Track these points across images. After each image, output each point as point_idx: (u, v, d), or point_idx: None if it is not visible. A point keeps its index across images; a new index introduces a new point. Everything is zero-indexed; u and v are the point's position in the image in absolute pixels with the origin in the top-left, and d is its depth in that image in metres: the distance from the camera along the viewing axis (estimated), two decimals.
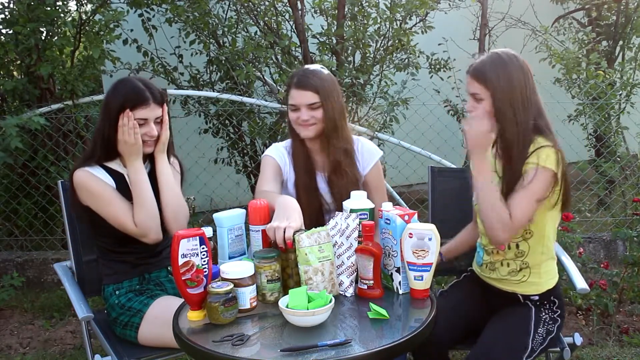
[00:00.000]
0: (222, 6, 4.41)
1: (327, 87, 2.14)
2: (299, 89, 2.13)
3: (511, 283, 2.05)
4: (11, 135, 3.47)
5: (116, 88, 2.11)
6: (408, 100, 4.03)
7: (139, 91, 2.06)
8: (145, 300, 2.10)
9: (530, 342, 1.92)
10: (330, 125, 2.15)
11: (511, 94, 1.92)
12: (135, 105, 2.04)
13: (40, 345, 3.31)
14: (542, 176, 1.89)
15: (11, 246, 4.29)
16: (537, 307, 2.02)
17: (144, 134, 2.08)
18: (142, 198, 2.07)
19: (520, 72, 1.95)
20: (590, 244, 4.15)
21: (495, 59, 1.97)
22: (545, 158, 1.89)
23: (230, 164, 4.52)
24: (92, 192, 2.07)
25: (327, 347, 1.46)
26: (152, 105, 2.07)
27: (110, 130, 2.07)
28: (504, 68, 1.95)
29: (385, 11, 4.19)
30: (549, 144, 1.92)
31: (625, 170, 4.56)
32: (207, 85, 4.47)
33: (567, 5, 5.75)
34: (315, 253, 1.72)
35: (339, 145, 2.18)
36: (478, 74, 1.97)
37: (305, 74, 2.16)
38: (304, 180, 2.22)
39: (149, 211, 2.07)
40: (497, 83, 1.93)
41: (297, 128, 2.18)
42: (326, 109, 2.13)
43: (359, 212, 1.88)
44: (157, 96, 2.10)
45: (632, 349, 3.03)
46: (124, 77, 2.23)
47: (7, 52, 3.96)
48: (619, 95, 4.54)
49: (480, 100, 1.96)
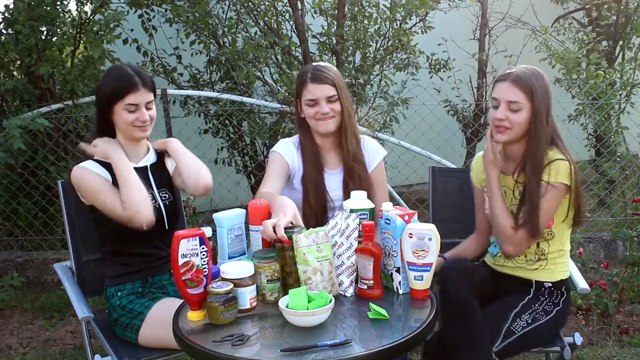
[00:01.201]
0: (222, 6, 4.41)
1: (340, 80, 2.22)
2: (316, 83, 2.17)
3: (526, 271, 2.10)
4: (14, 136, 3.47)
5: (106, 75, 2.14)
6: (408, 100, 4.03)
7: (128, 76, 2.06)
8: (147, 302, 2.09)
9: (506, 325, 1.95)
10: (347, 118, 2.21)
11: (546, 108, 1.96)
12: (125, 91, 2.04)
13: (40, 345, 3.31)
14: (551, 194, 1.95)
15: (11, 246, 4.29)
16: (536, 296, 2.06)
17: (136, 120, 2.07)
18: (123, 178, 2.04)
19: (550, 88, 1.99)
20: (590, 244, 4.15)
21: (535, 72, 1.99)
22: (555, 174, 1.94)
23: (230, 164, 4.52)
24: (85, 186, 2.07)
25: (327, 347, 1.46)
26: (142, 89, 2.06)
27: (102, 116, 2.10)
28: (543, 81, 1.98)
29: (385, 11, 4.19)
30: (560, 157, 1.96)
31: (625, 170, 4.56)
32: (207, 86, 4.47)
33: (567, 5, 5.75)
34: (313, 253, 1.72)
35: (352, 141, 2.24)
36: (523, 82, 1.95)
37: (318, 68, 2.21)
38: (313, 177, 2.24)
39: (134, 190, 2.03)
40: (540, 95, 1.95)
41: (316, 124, 2.21)
42: (343, 102, 2.19)
43: (359, 212, 1.88)
44: (147, 81, 2.09)
45: (632, 349, 3.03)
46: (113, 66, 2.26)
47: (7, 52, 3.96)
48: (619, 95, 4.54)
49: (517, 110, 1.96)
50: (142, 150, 2.21)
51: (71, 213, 2.34)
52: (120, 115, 2.07)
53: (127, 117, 2.07)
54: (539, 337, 2.03)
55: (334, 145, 2.27)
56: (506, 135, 2.00)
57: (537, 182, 1.95)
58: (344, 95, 2.21)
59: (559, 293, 2.09)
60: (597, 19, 5.31)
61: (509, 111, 1.96)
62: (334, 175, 2.28)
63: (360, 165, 2.24)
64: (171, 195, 2.23)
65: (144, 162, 2.20)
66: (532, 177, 1.96)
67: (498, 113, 1.98)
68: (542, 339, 2.06)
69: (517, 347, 1.99)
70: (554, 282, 2.09)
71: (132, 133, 2.11)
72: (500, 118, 1.97)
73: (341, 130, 2.23)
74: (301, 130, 2.28)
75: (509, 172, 2.09)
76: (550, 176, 1.94)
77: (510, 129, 1.98)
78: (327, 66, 2.23)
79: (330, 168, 2.28)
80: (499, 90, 1.99)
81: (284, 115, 4.08)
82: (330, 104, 2.18)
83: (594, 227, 4.48)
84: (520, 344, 1.99)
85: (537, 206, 1.94)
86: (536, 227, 1.95)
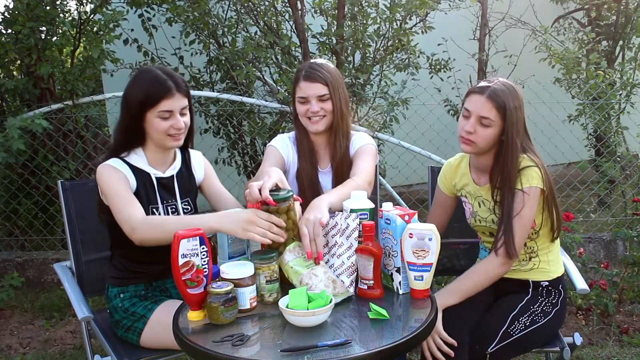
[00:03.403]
0: (222, 6, 4.41)
1: (334, 79, 2.18)
2: (308, 81, 2.16)
3: (521, 272, 2.11)
4: (14, 137, 3.47)
5: (136, 79, 2.00)
6: (408, 100, 4.03)
7: (160, 81, 1.93)
8: (150, 305, 2.06)
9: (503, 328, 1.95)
10: (338, 118, 2.19)
11: (517, 127, 1.95)
12: (158, 97, 1.93)
13: (40, 345, 3.31)
14: (530, 201, 1.95)
15: (11, 246, 4.29)
16: (534, 296, 2.06)
17: (170, 127, 1.96)
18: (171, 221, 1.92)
19: (522, 104, 1.98)
20: (590, 244, 4.15)
21: (511, 89, 1.97)
22: (527, 180, 1.95)
23: (230, 164, 4.52)
24: (105, 184, 1.96)
25: (327, 348, 1.46)
26: (177, 95, 1.95)
27: (131, 123, 1.98)
28: (518, 100, 1.97)
29: (385, 11, 4.19)
30: (530, 164, 1.97)
31: (626, 170, 4.56)
32: (207, 85, 4.47)
33: (567, 5, 5.75)
34: (300, 263, 1.74)
35: (343, 140, 2.22)
36: (499, 100, 1.93)
37: (313, 66, 2.19)
38: (308, 172, 2.24)
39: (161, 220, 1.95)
40: (512, 114, 1.94)
41: (307, 122, 2.21)
42: (335, 101, 2.17)
43: (359, 212, 1.87)
44: (181, 85, 1.97)
45: (632, 349, 3.03)
46: (146, 67, 2.12)
47: (7, 52, 3.96)
48: (619, 95, 4.54)
49: (488, 126, 1.95)
50: (170, 157, 2.12)
51: (71, 213, 2.34)
52: (153, 122, 1.96)
53: (161, 125, 1.96)
54: (537, 339, 2.04)
55: (326, 143, 2.27)
56: (471, 147, 2.00)
57: (512, 199, 1.95)
58: (338, 94, 2.17)
59: (556, 292, 2.09)
60: (597, 19, 5.31)
61: (479, 125, 1.96)
62: (326, 174, 2.28)
63: (348, 167, 2.21)
64: (192, 207, 2.17)
65: (170, 171, 2.12)
66: (508, 195, 1.96)
67: (468, 125, 1.97)
68: (541, 341, 2.06)
69: (515, 349, 1.99)
70: (550, 281, 2.10)
71: (164, 142, 2.01)
72: (469, 131, 1.97)
73: (332, 130, 2.22)
74: (297, 127, 2.28)
75: (483, 183, 2.09)
76: (523, 183, 1.95)
77: (475, 143, 1.98)
78: (323, 64, 2.21)
79: (322, 167, 2.29)
80: (472, 103, 1.97)
81: (284, 115, 4.08)
82: (321, 103, 2.16)
83: (594, 227, 4.48)
84: (518, 346, 1.99)
85: (511, 227, 1.94)
86: (512, 248, 1.94)
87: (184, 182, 2.15)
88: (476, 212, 2.12)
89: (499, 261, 1.96)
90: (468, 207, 2.17)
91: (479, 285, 2.00)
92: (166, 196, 2.08)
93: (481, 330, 1.97)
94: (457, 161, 2.22)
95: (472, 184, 2.13)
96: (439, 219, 2.24)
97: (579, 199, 4.47)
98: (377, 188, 2.56)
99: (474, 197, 2.13)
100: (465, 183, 2.17)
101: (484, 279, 1.99)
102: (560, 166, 4.83)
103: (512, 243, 1.93)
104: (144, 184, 2.04)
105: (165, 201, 2.08)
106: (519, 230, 1.95)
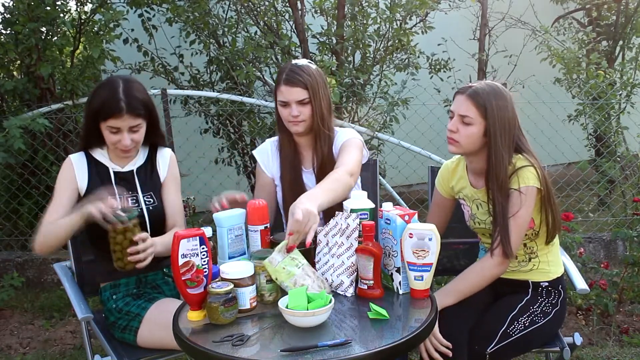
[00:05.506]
0: (222, 6, 4.41)
1: (315, 82, 2.14)
2: (288, 85, 2.13)
3: (521, 272, 2.11)
4: (14, 137, 3.47)
5: (99, 88, 2.08)
6: (408, 100, 4.03)
7: (115, 99, 1.99)
8: (143, 304, 2.08)
9: (502, 328, 1.95)
10: (319, 121, 2.17)
11: (501, 126, 1.95)
12: (109, 113, 2.00)
13: (40, 345, 3.31)
14: (527, 200, 1.95)
15: (11, 246, 4.29)
16: (534, 297, 2.06)
17: (118, 142, 2.05)
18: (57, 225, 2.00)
19: (512, 107, 1.98)
20: (590, 244, 4.15)
21: (495, 90, 1.97)
22: (523, 180, 1.95)
23: (230, 164, 4.52)
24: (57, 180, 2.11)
25: (327, 348, 1.46)
26: (126, 116, 2.00)
27: (90, 127, 2.08)
28: (503, 100, 1.96)
29: (385, 11, 4.19)
30: (525, 164, 1.97)
31: (626, 170, 4.56)
32: (207, 85, 4.47)
33: (567, 5, 5.76)
34: (289, 264, 1.72)
35: (325, 142, 2.20)
36: (478, 99, 1.95)
37: (293, 69, 2.15)
38: (289, 176, 2.24)
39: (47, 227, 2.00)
40: (495, 114, 1.94)
41: (288, 125, 2.20)
42: (315, 105, 2.14)
43: (359, 212, 1.87)
44: (135, 107, 2.01)
45: (632, 349, 3.03)
46: (114, 77, 2.12)
47: (7, 52, 3.96)
48: (619, 95, 4.54)
49: (469, 124, 1.96)
50: (132, 154, 2.18)
51: None
52: (104, 133, 2.06)
53: (110, 138, 2.05)
54: (537, 339, 2.03)
55: (309, 144, 2.26)
56: (455, 147, 2.01)
57: (505, 200, 1.95)
58: (318, 97, 2.14)
59: (556, 293, 2.09)
60: (597, 19, 5.32)
61: (461, 124, 1.97)
62: (311, 173, 2.27)
63: (332, 168, 2.16)
64: (156, 200, 2.18)
65: (130, 167, 2.18)
66: (498, 195, 1.96)
67: (450, 124, 2.00)
68: (541, 341, 2.06)
69: (514, 349, 1.99)
70: (550, 281, 2.09)
71: (115, 152, 2.13)
72: (452, 130, 1.99)
73: (312, 133, 2.21)
74: (280, 128, 2.27)
75: (480, 186, 2.09)
76: (520, 183, 1.95)
77: (459, 142, 1.99)
78: (304, 67, 2.16)
79: (307, 168, 2.28)
80: (455, 103, 2.00)
81: None
82: (301, 107, 2.13)
83: (594, 227, 4.48)
84: (518, 347, 1.99)
85: (507, 227, 1.94)
86: (508, 248, 1.94)
87: (146, 178, 2.19)
88: (475, 215, 2.12)
89: (496, 261, 1.96)
90: (467, 209, 2.17)
91: (476, 285, 2.00)
92: (125, 189, 2.13)
93: (480, 331, 1.97)
94: (454, 164, 2.22)
95: (470, 187, 2.13)
96: (439, 219, 2.24)
97: (579, 199, 4.47)
98: (377, 188, 2.56)
99: (471, 200, 2.13)
100: (462, 186, 2.17)
101: (480, 279, 2.00)
102: (560, 166, 4.83)
103: (509, 243, 1.93)
104: (102, 177, 2.13)
105: (123, 194, 2.13)
106: (516, 230, 1.95)
